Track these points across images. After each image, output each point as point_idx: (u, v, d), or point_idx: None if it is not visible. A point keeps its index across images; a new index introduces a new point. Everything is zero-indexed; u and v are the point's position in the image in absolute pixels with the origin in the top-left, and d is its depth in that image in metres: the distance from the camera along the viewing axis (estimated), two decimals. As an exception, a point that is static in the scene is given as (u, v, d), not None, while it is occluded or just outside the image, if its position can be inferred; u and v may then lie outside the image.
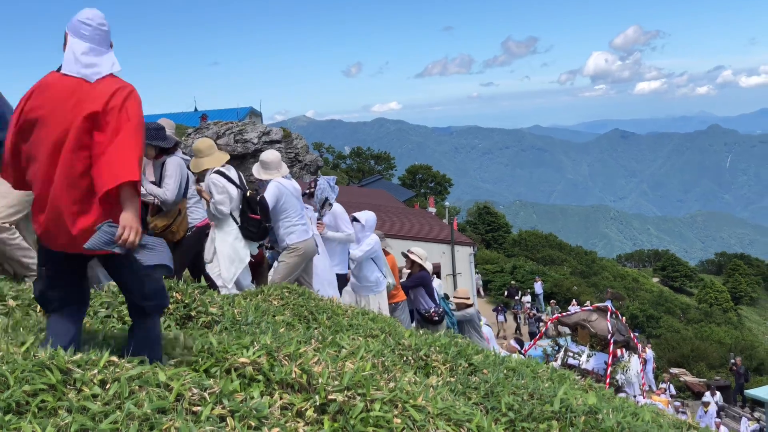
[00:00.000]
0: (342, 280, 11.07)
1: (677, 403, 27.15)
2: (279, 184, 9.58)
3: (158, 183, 8.13)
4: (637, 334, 37.83)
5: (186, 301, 5.96)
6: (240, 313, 6.34)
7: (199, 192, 9.06)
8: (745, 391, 30.09)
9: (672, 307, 68.02)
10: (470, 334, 12.91)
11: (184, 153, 8.75)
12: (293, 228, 9.67)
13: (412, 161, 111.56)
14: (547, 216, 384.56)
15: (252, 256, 9.72)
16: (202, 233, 8.96)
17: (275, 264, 10.17)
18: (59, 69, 4.37)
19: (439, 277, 31.72)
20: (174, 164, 8.18)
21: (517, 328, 39.08)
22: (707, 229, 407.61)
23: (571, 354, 28.74)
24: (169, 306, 5.79)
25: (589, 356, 28.23)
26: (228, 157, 9.47)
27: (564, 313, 32.01)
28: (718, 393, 29.00)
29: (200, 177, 9.39)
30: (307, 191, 10.63)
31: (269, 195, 9.50)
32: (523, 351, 25.62)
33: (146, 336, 4.40)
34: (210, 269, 8.98)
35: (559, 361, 27.74)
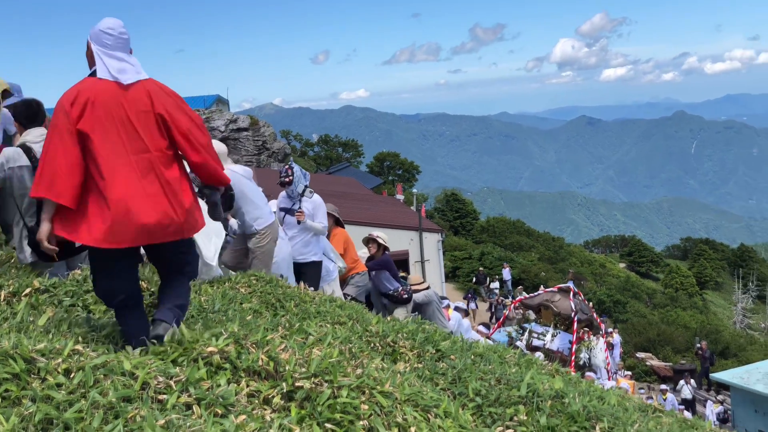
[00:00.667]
0: (318, 268, 10.97)
1: (641, 391, 27.42)
2: (233, 173, 9.12)
3: None
4: (603, 319, 38.11)
5: (152, 289, 5.92)
6: (207, 300, 6.31)
7: None
8: (711, 374, 30.38)
9: (638, 292, 68.56)
10: (433, 316, 12.87)
11: None
12: (259, 212, 9.40)
13: (379, 149, 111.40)
14: (515, 202, 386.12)
15: None
16: None
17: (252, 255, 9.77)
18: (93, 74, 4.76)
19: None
20: None
21: (493, 317, 39.17)
22: (673, 215, 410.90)
23: (535, 335, 29.07)
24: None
25: (553, 336, 28.53)
26: None
27: (527, 296, 32.24)
28: (692, 380, 29.24)
29: None
30: (286, 180, 10.49)
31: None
32: (488, 335, 25.73)
33: (185, 290, 4.97)
34: None
35: (523, 343, 27.91)
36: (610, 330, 33.87)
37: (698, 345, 35.43)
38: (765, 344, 56.09)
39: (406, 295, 12.21)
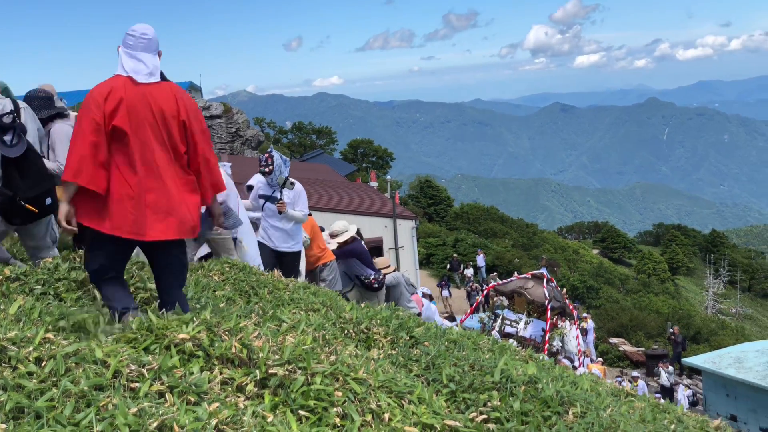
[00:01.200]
0: (298, 257, 10.90)
1: (618, 378, 27.57)
2: (225, 174, 9.13)
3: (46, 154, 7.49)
4: (577, 305, 38.31)
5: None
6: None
7: None
8: (683, 359, 30.62)
9: (611, 278, 68.90)
10: (400, 298, 12.79)
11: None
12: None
13: (353, 136, 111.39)
14: (489, 189, 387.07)
15: None
16: None
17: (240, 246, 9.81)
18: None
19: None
20: (61, 133, 7.54)
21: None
22: (645, 201, 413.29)
23: (508, 322, 29.13)
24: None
25: (526, 323, 28.70)
26: None
27: (500, 282, 32.22)
28: (670, 367, 29.41)
29: None
30: (266, 170, 10.35)
31: None
32: (459, 321, 25.78)
33: (184, 282, 5.48)
34: None
35: (496, 330, 27.96)
36: (585, 315, 34.04)
37: (670, 330, 35.69)
38: (736, 329, 56.59)
39: (376, 285, 12.09)
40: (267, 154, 10.47)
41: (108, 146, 4.89)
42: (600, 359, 31.21)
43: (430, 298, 18.27)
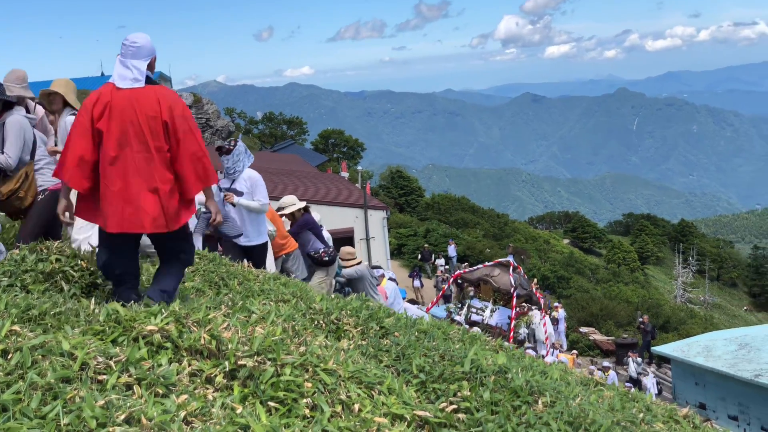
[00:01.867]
0: (265, 249, 10.63)
1: (592, 367, 27.70)
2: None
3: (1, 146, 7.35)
4: (546, 294, 38.43)
5: (91, 269, 5.86)
6: (148, 280, 6.25)
7: (53, 153, 8.16)
8: (652, 348, 30.85)
9: (582, 267, 69.28)
10: (365, 292, 12.59)
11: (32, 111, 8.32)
12: None
13: (324, 126, 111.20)
14: (460, 179, 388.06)
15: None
16: (55, 196, 7.75)
17: None
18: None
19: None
20: (14, 124, 7.37)
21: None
22: (615, 191, 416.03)
23: (474, 310, 29.09)
24: (74, 274, 5.71)
25: (492, 311, 28.65)
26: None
27: (466, 270, 32.12)
28: (639, 357, 29.59)
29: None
30: (225, 147, 10.15)
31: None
32: (426, 309, 25.75)
33: (176, 276, 5.75)
34: (77, 233, 7.93)
35: (462, 318, 27.95)
36: (556, 305, 34.15)
37: (640, 319, 35.92)
38: (705, 318, 57.15)
39: (326, 258, 11.86)
40: (232, 138, 10.26)
41: (96, 148, 5.36)
42: (575, 351, 31.29)
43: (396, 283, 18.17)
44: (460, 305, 29.81)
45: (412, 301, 28.09)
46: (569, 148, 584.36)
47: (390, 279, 16.46)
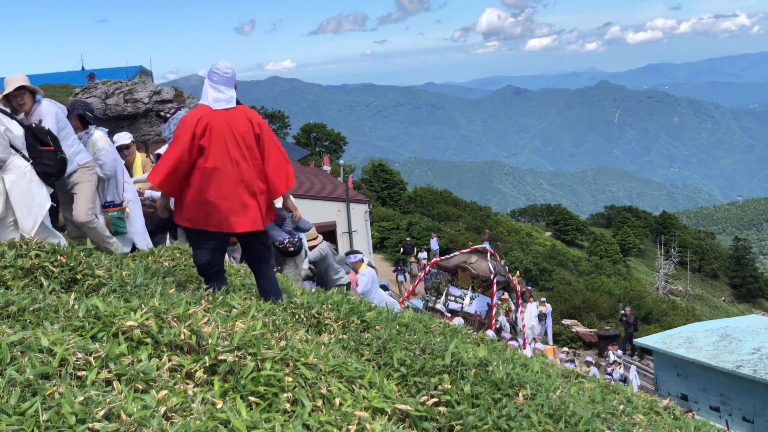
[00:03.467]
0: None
1: (563, 355, 27.60)
2: (51, 103, 8.41)
3: None
4: (530, 287, 38.43)
5: (71, 264, 5.83)
6: (128, 275, 6.23)
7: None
8: (634, 340, 30.98)
9: (564, 260, 69.56)
10: (327, 270, 11.96)
11: None
12: (79, 147, 8.67)
13: (306, 120, 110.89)
14: (442, 172, 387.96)
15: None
16: None
17: (78, 189, 8.68)
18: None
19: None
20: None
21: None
22: (597, 183, 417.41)
23: (453, 298, 28.59)
24: (54, 270, 5.69)
25: (471, 299, 28.16)
26: (18, 82, 8.12)
27: (443, 258, 31.76)
28: (619, 350, 29.68)
29: None
30: (162, 113, 9.94)
31: (50, 117, 8.24)
32: (402, 298, 25.59)
33: (273, 276, 6.75)
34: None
35: (442, 306, 27.68)
36: (542, 300, 34.13)
37: (622, 311, 36.01)
38: (686, 309, 57.43)
39: (292, 248, 11.31)
40: (174, 107, 10.09)
41: (191, 160, 6.21)
42: (566, 348, 31.15)
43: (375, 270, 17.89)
44: (435, 294, 29.45)
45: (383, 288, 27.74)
46: (551, 141, 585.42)
47: (369, 265, 16.20)
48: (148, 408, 3.18)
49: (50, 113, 8.26)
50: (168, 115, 9.78)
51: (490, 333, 17.84)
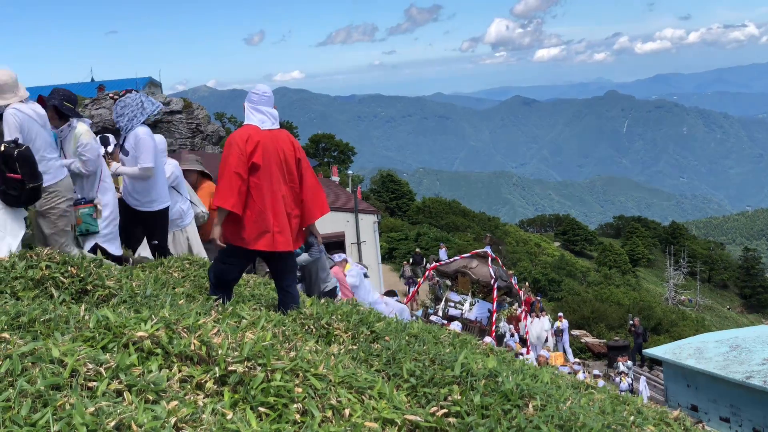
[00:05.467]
0: (153, 219, 9.48)
1: (577, 367, 27.44)
2: (17, 111, 7.59)
3: None
4: (539, 298, 38.32)
5: (81, 275, 5.85)
6: (138, 285, 6.24)
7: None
8: (644, 350, 30.88)
9: (573, 270, 69.48)
10: (315, 276, 11.37)
11: None
12: (47, 165, 7.75)
13: (314, 130, 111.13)
14: (451, 183, 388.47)
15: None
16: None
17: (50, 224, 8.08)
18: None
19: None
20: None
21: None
22: (606, 194, 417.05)
23: (452, 304, 28.10)
24: (64, 280, 5.69)
25: (471, 305, 27.60)
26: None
27: (443, 262, 31.34)
28: (629, 361, 29.56)
29: None
30: (112, 97, 9.34)
31: (9, 127, 7.47)
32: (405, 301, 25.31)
33: (296, 294, 6.82)
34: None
35: (440, 313, 27.22)
36: (559, 315, 33.99)
37: (631, 321, 35.92)
38: (696, 319, 57.29)
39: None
40: (125, 90, 9.47)
41: (248, 179, 6.29)
42: (576, 359, 30.91)
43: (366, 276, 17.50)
44: (435, 300, 28.87)
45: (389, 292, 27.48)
46: (559, 151, 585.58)
47: (365, 275, 15.78)
48: (158, 419, 3.18)
49: (8, 120, 7.54)
50: (116, 97, 9.27)
51: (488, 339, 17.58)
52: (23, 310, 4.37)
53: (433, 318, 25.53)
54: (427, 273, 32.15)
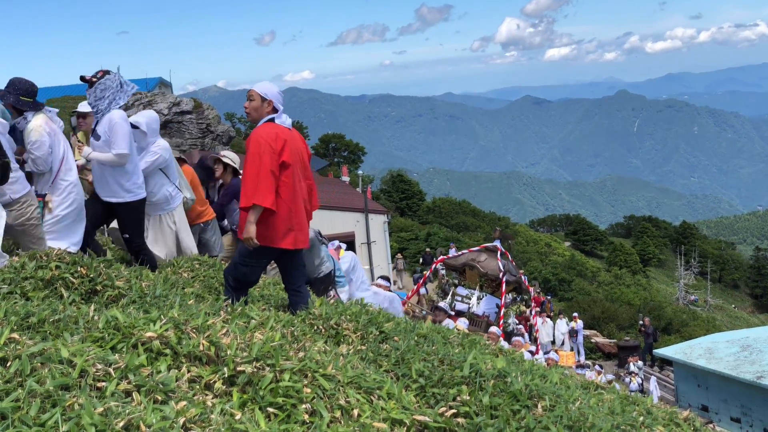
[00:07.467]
0: (127, 210, 8.68)
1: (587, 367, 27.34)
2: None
3: None
4: (549, 297, 38.25)
5: (91, 275, 5.86)
6: (148, 286, 6.25)
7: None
8: (654, 350, 30.84)
9: (583, 270, 69.36)
10: (308, 261, 10.77)
11: None
12: (15, 176, 7.22)
13: (325, 130, 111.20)
14: (461, 183, 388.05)
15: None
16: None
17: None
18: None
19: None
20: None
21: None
22: (616, 193, 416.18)
23: (459, 298, 27.37)
24: (74, 281, 5.70)
25: (479, 299, 26.98)
26: None
27: (450, 255, 30.95)
28: (639, 361, 29.50)
29: None
30: (88, 79, 8.59)
31: None
32: (405, 297, 25.08)
33: (306, 294, 6.99)
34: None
35: (447, 306, 26.77)
36: (575, 314, 33.93)
37: (642, 321, 35.88)
38: (707, 319, 57.15)
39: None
40: (101, 71, 8.51)
41: (278, 175, 6.40)
42: (588, 361, 30.83)
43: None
44: (441, 293, 28.38)
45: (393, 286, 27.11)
46: (570, 151, 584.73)
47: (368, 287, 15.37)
48: (167, 419, 3.19)
49: None
50: (94, 80, 8.31)
51: (494, 330, 17.39)
52: (33, 311, 4.38)
53: (441, 304, 25.16)
54: (434, 265, 31.82)
